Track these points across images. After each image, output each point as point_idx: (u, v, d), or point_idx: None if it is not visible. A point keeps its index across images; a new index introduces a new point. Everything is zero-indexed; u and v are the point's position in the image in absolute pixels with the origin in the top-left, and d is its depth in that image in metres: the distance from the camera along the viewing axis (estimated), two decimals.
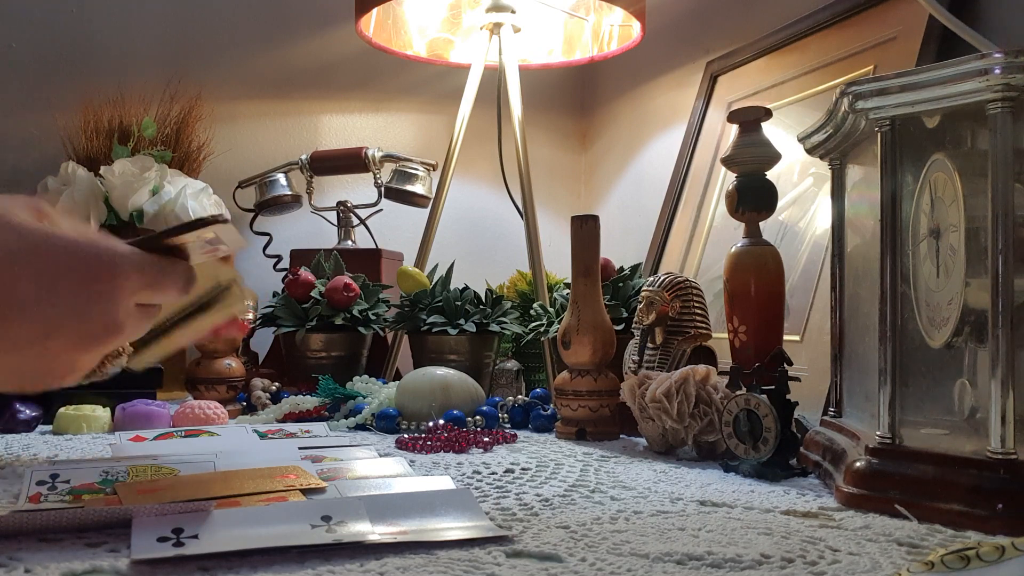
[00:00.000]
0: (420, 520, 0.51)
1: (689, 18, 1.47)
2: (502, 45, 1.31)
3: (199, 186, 1.34)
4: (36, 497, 0.57)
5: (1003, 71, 0.54)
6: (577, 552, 0.47)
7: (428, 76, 1.66)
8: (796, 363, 0.80)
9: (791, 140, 0.89)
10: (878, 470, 0.59)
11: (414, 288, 1.18)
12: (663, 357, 0.90)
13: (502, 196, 1.42)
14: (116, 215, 1.30)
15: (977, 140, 0.59)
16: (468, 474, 0.70)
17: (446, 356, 1.14)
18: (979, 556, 0.37)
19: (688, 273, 1.20)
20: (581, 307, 0.90)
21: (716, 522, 0.54)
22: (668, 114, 1.51)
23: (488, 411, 0.96)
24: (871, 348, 0.64)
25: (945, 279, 0.59)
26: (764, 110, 0.84)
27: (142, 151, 1.35)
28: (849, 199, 0.76)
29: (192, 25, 1.56)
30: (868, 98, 0.61)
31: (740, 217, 0.84)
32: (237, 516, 0.49)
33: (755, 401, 0.71)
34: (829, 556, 0.47)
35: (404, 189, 1.45)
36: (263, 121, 1.62)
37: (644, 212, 1.51)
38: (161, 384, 1.04)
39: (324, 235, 1.52)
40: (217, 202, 1.36)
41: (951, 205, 0.59)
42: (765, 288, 0.82)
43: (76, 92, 1.44)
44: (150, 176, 1.30)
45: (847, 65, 1.05)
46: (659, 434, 0.81)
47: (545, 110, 1.79)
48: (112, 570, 0.43)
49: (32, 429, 0.93)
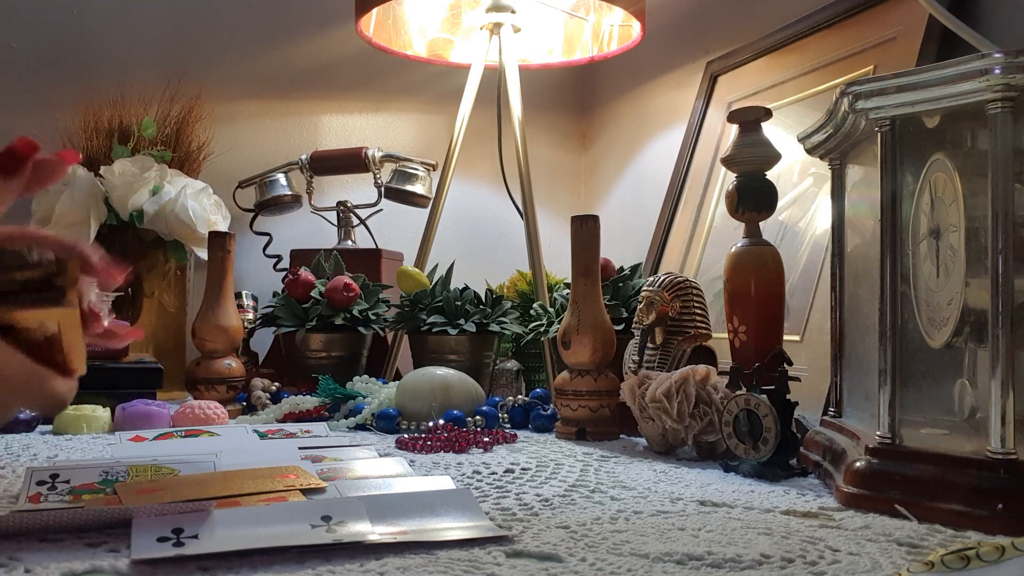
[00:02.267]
0: (420, 520, 0.51)
1: (689, 18, 1.47)
2: (502, 45, 1.31)
3: (199, 186, 1.34)
4: (36, 497, 0.57)
5: (1003, 71, 0.54)
6: (577, 552, 0.47)
7: (428, 76, 1.66)
8: (796, 363, 0.80)
9: (791, 140, 0.89)
10: (878, 470, 0.59)
11: (414, 288, 1.18)
12: (663, 357, 0.90)
13: (502, 196, 1.42)
14: (116, 215, 1.30)
15: (977, 140, 0.59)
16: (468, 474, 0.70)
17: (446, 356, 1.13)
18: (979, 556, 0.37)
19: (688, 273, 1.20)
20: (581, 307, 0.90)
21: (716, 522, 0.54)
22: (668, 114, 1.51)
23: (488, 411, 0.96)
24: (871, 348, 0.64)
25: (945, 279, 0.59)
26: (764, 110, 0.84)
27: (142, 151, 1.35)
28: (849, 199, 0.76)
29: (192, 25, 1.56)
30: (868, 98, 0.61)
31: (740, 217, 0.84)
32: (237, 516, 0.49)
33: (755, 401, 0.71)
34: (829, 556, 0.47)
35: (404, 189, 1.45)
36: (263, 121, 1.62)
37: (644, 212, 1.51)
38: (161, 384, 1.05)
39: (324, 235, 1.52)
40: (217, 202, 1.36)
41: (951, 205, 0.59)
42: (765, 288, 0.82)
43: (76, 92, 1.44)
44: (150, 176, 1.30)
45: (847, 65, 1.05)
46: (659, 434, 0.81)
47: (545, 110, 1.79)
48: (112, 570, 0.43)
49: (32, 429, 0.93)
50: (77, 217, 1.27)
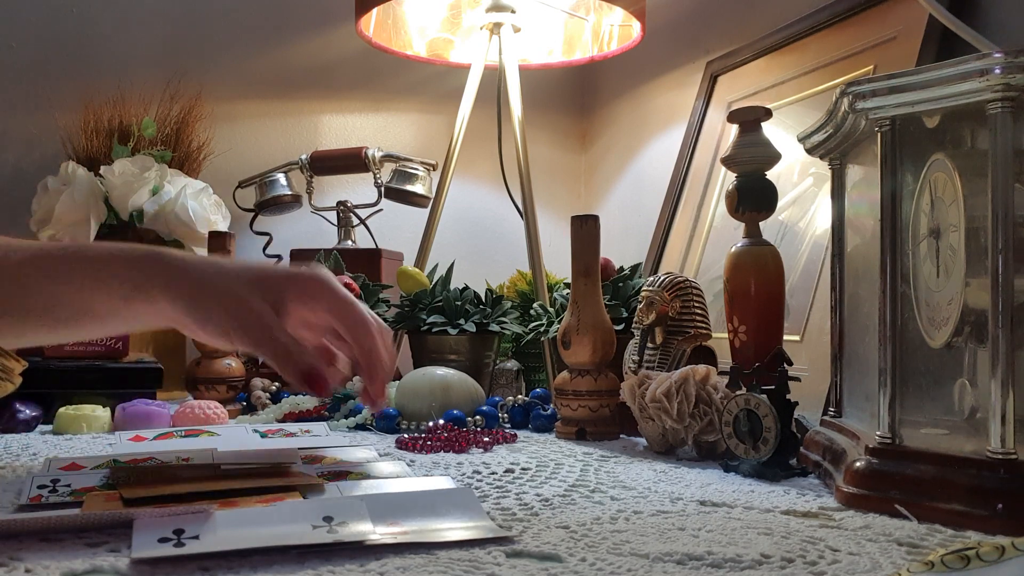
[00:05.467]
0: (421, 520, 0.51)
1: (689, 18, 1.47)
2: (502, 45, 1.31)
3: (199, 186, 1.34)
4: (37, 499, 0.57)
5: (1003, 71, 0.54)
6: (577, 552, 0.47)
7: (428, 76, 1.66)
8: (796, 363, 0.80)
9: (791, 140, 0.89)
10: (878, 470, 0.59)
11: (414, 288, 1.18)
12: (663, 357, 0.90)
13: (502, 196, 1.42)
14: (116, 215, 1.30)
15: (977, 140, 0.59)
16: (468, 474, 0.70)
17: (446, 356, 1.13)
18: (979, 556, 0.37)
19: (688, 273, 1.20)
20: (581, 307, 0.90)
21: (716, 522, 0.54)
22: (668, 114, 1.51)
23: (488, 411, 0.96)
24: (871, 348, 0.64)
25: (945, 279, 0.59)
26: (764, 110, 0.84)
27: (142, 151, 1.35)
28: (849, 199, 0.76)
29: (192, 25, 1.56)
30: (868, 98, 0.61)
31: (740, 217, 0.84)
32: (239, 517, 0.49)
33: (755, 401, 0.71)
34: (829, 556, 0.47)
35: (404, 189, 1.45)
36: (263, 121, 1.62)
37: (644, 212, 1.51)
38: (161, 384, 1.04)
39: (324, 235, 1.52)
40: (217, 202, 1.36)
41: (951, 205, 0.59)
42: (765, 288, 0.82)
43: (76, 92, 1.44)
44: (150, 176, 1.30)
45: (847, 65, 1.05)
46: (659, 434, 0.81)
47: (545, 110, 1.79)
48: (112, 570, 0.43)
49: (32, 429, 0.93)
50: (77, 217, 1.28)
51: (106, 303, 0.62)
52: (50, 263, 0.62)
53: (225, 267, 0.64)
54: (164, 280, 0.61)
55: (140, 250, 0.63)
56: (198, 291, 0.61)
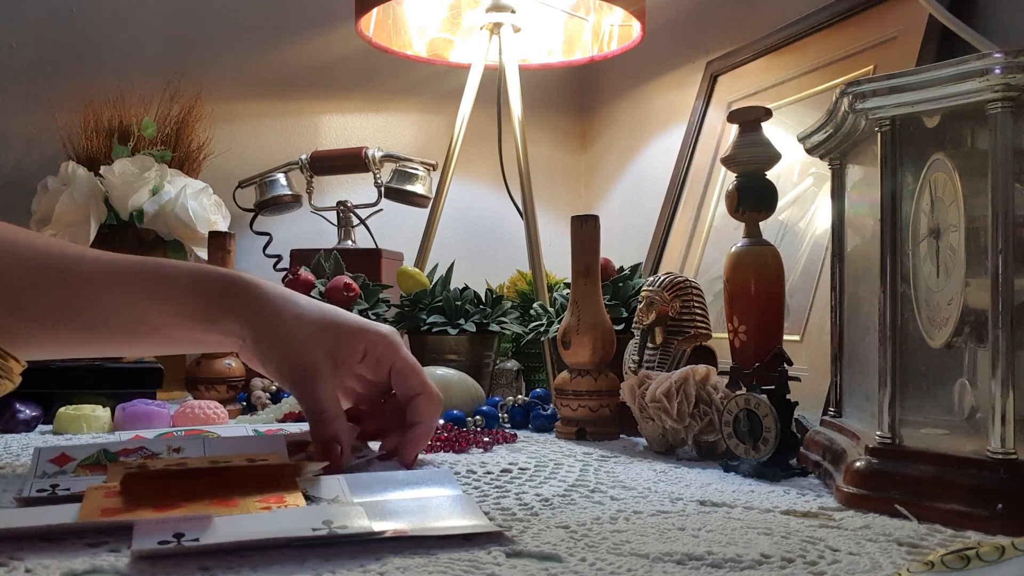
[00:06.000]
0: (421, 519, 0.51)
1: (689, 18, 1.47)
2: (502, 45, 1.31)
3: (199, 186, 1.34)
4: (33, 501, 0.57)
5: (1003, 71, 0.54)
6: (577, 552, 0.47)
7: (428, 76, 1.66)
8: (796, 363, 0.80)
9: (791, 140, 0.89)
10: (878, 470, 0.59)
11: (414, 288, 1.18)
12: (663, 357, 0.90)
13: (502, 196, 1.42)
14: (116, 215, 1.30)
15: (977, 140, 0.59)
16: (468, 474, 0.70)
17: (446, 356, 1.13)
18: (979, 556, 0.37)
19: (688, 273, 1.20)
20: (581, 307, 0.90)
21: (716, 522, 0.54)
22: (668, 114, 1.51)
23: (488, 411, 0.96)
24: (871, 348, 0.64)
25: (945, 279, 0.59)
26: (764, 110, 0.84)
27: (142, 151, 1.35)
28: (849, 199, 0.76)
29: (192, 25, 1.57)
30: (868, 98, 0.61)
31: (740, 217, 0.84)
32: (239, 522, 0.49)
33: (755, 401, 0.71)
34: (829, 556, 0.47)
35: (404, 189, 1.45)
36: (263, 121, 1.62)
37: (644, 212, 1.51)
38: (161, 384, 1.05)
39: (324, 235, 1.52)
40: (217, 202, 1.37)
41: (951, 205, 0.59)
42: (765, 288, 0.82)
43: (76, 92, 1.44)
44: (150, 176, 1.30)
45: (847, 65, 1.05)
46: (659, 434, 0.81)
47: (545, 110, 1.79)
48: (112, 570, 0.43)
49: (32, 429, 0.93)
50: (77, 217, 1.28)
51: (180, 326, 0.63)
52: (126, 279, 0.62)
53: (299, 307, 0.64)
54: (239, 309, 0.62)
55: (217, 274, 0.64)
56: (265, 328, 0.62)
